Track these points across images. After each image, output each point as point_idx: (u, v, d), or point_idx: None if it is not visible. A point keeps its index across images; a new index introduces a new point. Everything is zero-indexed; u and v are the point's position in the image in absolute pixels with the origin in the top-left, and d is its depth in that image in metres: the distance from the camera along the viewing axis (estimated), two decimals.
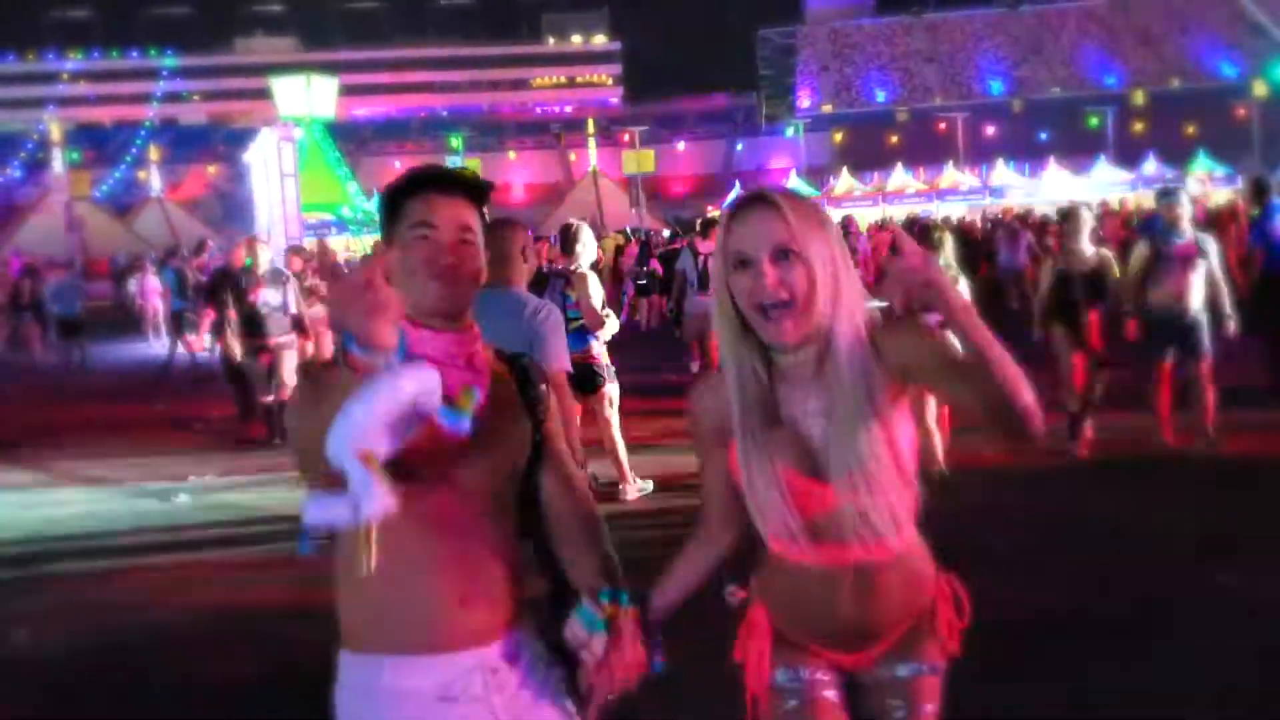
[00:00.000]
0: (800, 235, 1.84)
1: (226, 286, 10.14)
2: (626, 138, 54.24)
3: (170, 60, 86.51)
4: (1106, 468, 7.40)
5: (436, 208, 1.96)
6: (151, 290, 21.32)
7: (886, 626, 2.01)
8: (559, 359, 4.32)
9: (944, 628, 2.05)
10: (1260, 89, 51.93)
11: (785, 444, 1.91)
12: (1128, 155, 43.76)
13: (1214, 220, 18.03)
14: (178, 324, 17.32)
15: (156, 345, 17.77)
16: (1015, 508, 6.63)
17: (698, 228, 12.38)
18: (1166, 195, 7.89)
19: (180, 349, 16.83)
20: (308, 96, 27.41)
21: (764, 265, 1.84)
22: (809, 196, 2.01)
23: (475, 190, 2.02)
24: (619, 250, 23.08)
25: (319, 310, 10.79)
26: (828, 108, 65.08)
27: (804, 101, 66.53)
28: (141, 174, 57.53)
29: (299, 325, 9.78)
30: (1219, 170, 38.49)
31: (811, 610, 2.01)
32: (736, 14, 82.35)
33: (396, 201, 1.99)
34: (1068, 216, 8.18)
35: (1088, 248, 7.70)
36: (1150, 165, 40.21)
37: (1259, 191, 10.61)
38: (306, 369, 2.09)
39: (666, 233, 27.42)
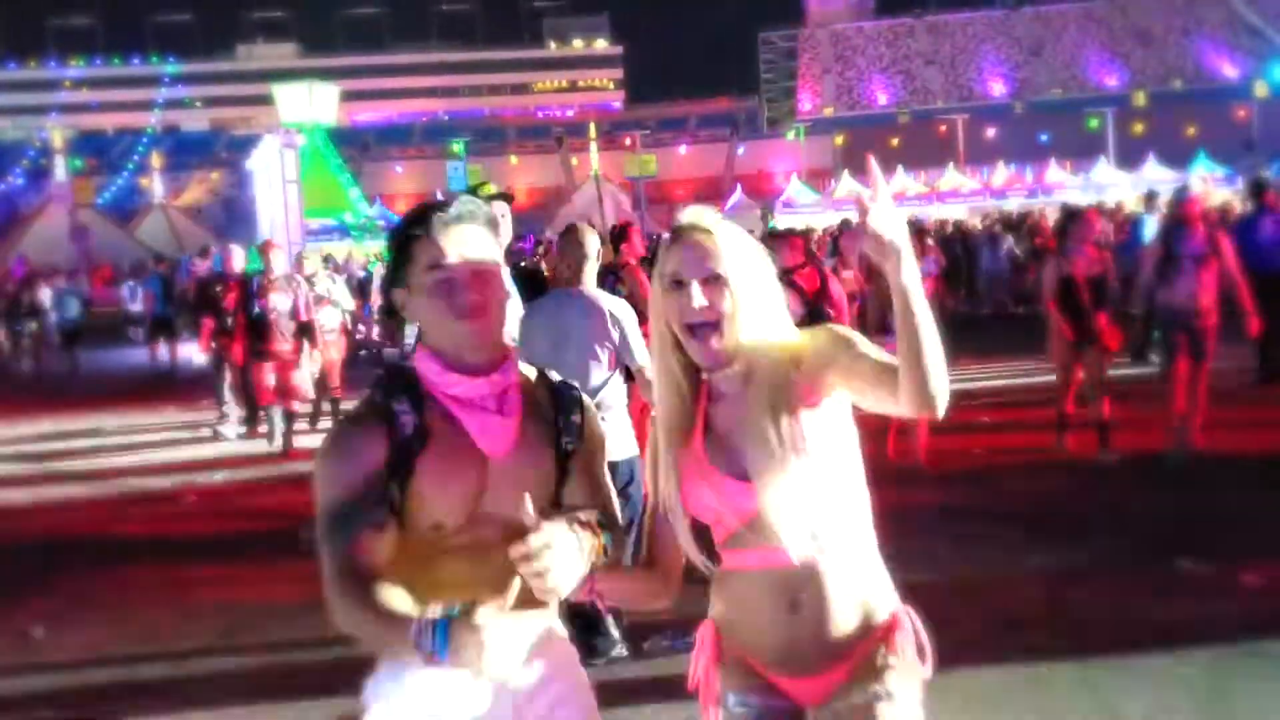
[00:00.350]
0: (730, 261, 1.98)
1: (224, 293, 10.15)
2: (628, 141, 54.31)
3: (172, 67, 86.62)
4: (1101, 466, 7.38)
5: (445, 244, 1.92)
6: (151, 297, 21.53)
7: (831, 645, 1.99)
8: (643, 354, 4.51)
9: (899, 656, 2.01)
10: (1261, 90, 51.94)
11: (716, 449, 2.01)
12: (1128, 157, 43.73)
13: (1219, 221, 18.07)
14: (162, 330, 17.65)
15: (160, 350, 18.06)
16: (1008, 501, 6.72)
17: None
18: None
19: (165, 353, 17.17)
20: (310, 103, 27.51)
21: (694, 287, 1.96)
22: (740, 230, 2.07)
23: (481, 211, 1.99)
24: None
25: (329, 315, 10.76)
26: (829, 110, 65.07)
27: (805, 104, 66.55)
28: (144, 181, 57.57)
29: (307, 331, 9.64)
30: (1219, 171, 38.47)
31: (752, 618, 2.02)
32: (737, 17, 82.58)
33: (404, 244, 1.95)
34: (1074, 218, 7.90)
35: (1092, 250, 7.53)
36: (1151, 167, 40.21)
37: (1254, 192, 10.70)
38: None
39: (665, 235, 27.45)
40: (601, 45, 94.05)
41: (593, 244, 4.77)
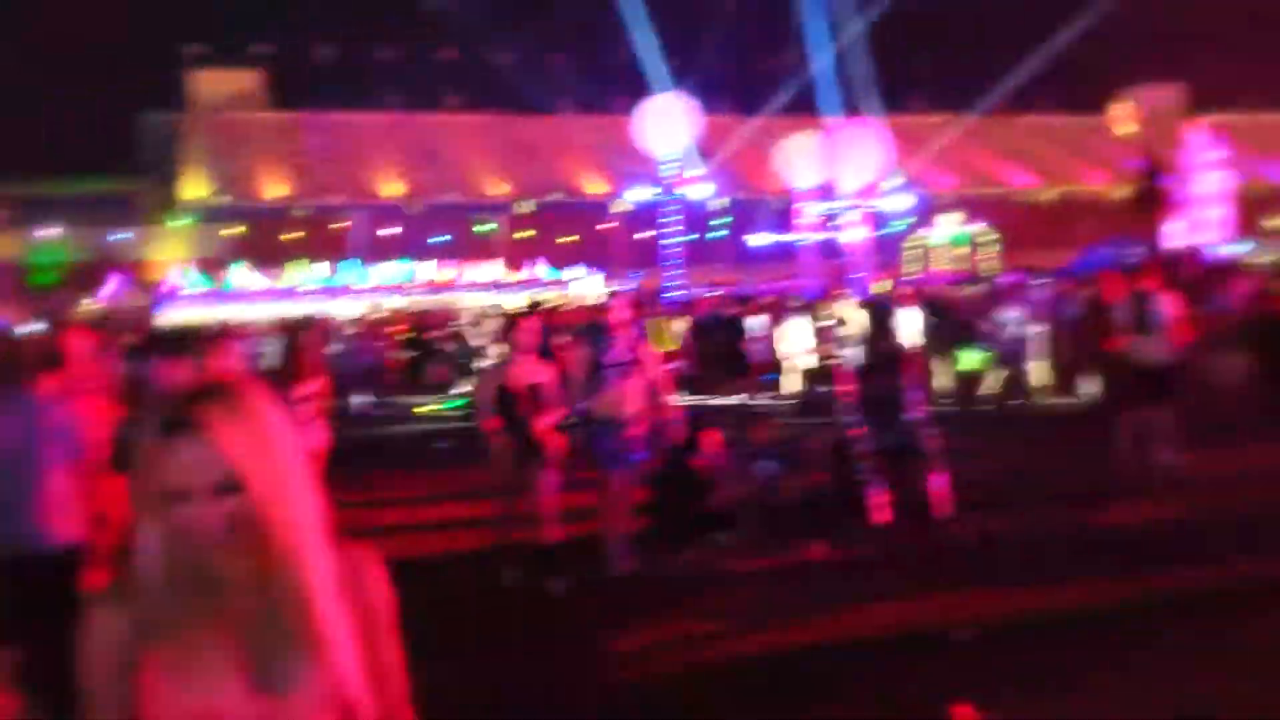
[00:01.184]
0: (244, 462, 1.64)
1: None
2: None
3: None
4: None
5: None
6: None
7: None
8: None
9: None
10: (622, 205, 58.75)
11: (222, 652, 1.69)
12: (518, 260, 46.99)
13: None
14: None
15: None
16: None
17: None
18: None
19: None
20: None
21: (205, 505, 1.64)
22: (251, 393, 1.68)
23: None
24: None
25: None
26: (219, 199, 62.47)
27: (192, 191, 63.15)
28: None
29: None
30: (592, 275, 42.59)
31: None
32: (114, 95, 76.44)
33: None
34: (513, 325, 7.52)
35: (532, 356, 7.14)
36: (538, 269, 43.53)
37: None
38: None
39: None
40: None
41: (25, 349, 4.77)
